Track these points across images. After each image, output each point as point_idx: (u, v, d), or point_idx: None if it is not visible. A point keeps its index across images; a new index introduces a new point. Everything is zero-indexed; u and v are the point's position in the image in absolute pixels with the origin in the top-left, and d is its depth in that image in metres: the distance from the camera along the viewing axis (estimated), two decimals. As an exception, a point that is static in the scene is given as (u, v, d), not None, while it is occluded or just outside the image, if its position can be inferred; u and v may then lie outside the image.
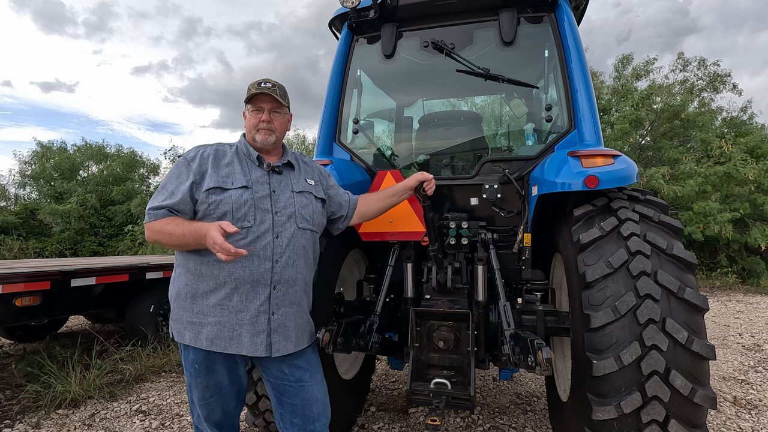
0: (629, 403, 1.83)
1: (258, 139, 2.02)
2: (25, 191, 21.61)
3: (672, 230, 2.14)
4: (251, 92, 2.00)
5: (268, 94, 1.99)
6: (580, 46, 2.88)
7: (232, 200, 1.88)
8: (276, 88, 2.02)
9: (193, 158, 1.96)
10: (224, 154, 2.01)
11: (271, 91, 1.99)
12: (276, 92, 2.01)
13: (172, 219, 1.84)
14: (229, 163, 1.97)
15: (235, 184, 1.92)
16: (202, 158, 1.96)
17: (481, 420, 3.53)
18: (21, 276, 3.88)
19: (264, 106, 2.02)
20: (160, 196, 1.89)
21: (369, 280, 3.12)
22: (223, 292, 1.86)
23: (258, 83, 2.01)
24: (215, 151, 2.00)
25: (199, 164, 1.94)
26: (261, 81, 2.03)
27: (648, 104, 13.00)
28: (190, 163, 1.94)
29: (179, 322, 1.92)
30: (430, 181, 2.26)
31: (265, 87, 2.00)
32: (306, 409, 2.01)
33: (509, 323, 2.31)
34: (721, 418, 3.65)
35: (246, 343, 1.88)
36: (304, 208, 2.05)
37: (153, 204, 1.87)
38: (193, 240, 1.79)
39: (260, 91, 1.98)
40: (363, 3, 3.06)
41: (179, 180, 1.91)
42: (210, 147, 2.03)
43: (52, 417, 3.65)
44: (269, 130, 2.02)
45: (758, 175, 11.32)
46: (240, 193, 1.90)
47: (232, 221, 1.84)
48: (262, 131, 2.02)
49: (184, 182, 1.89)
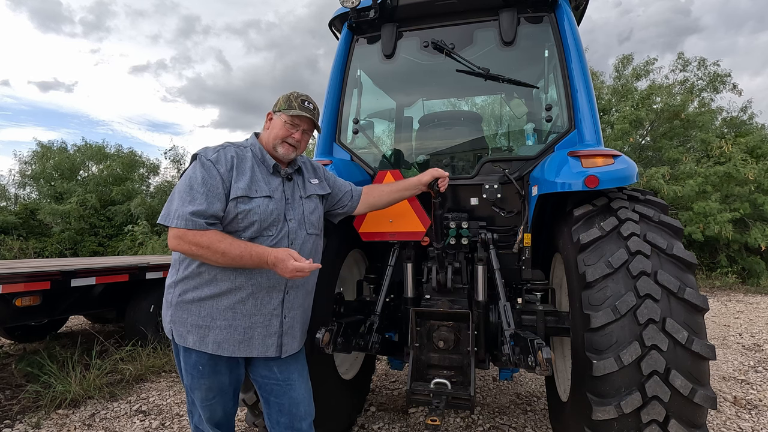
0: (629, 403, 1.83)
1: (281, 151, 2.01)
2: (25, 191, 21.61)
3: (672, 230, 2.14)
4: (294, 108, 1.98)
5: (310, 117, 2.01)
6: (580, 46, 2.88)
7: (260, 210, 1.87)
8: (316, 111, 2.06)
9: (217, 161, 1.86)
10: (244, 159, 1.95)
11: (312, 114, 2.02)
12: (316, 116, 2.04)
13: (217, 234, 1.75)
14: (251, 169, 1.93)
15: (260, 192, 1.90)
16: (227, 162, 1.88)
17: (481, 420, 3.53)
18: (21, 276, 3.88)
19: (301, 125, 2.02)
20: (190, 198, 1.76)
21: (369, 280, 3.12)
22: (238, 296, 1.86)
23: (302, 100, 2.01)
24: (236, 155, 1.93)
25: (226, 169, 1.86)
26: (304, 98, 2.03)
27: (648, 104, 13.00)
28: (215, 166, 1.84)
29: (182, 325, 1.87)
30: (445, 177, 2.29)
31: (308, 108, 2.01)
32: (293, 408, 2.03)
33: (509, 323, 2.31)
34: (721, 418, 3.65)
35: (257, 345, 1.90)
36: (312, 213, 2.08)
37: (189, 207, 1.73)
38: (253, 263, 1.76)
39: (304, 112, 1.98)
40: (363, 3, 3.05)
41: (210, 185, 1.80)
42: (230, 149, 1.95)
43: (52, 417, 3.65)
44: (294, 147, 2.03)
45: (758, 175, 11.32)
46: (266, 203, 1.90)
47: (259, 231, 1.86)
48: (287, 146, 2.01)
49: (217, 187, 1.80)
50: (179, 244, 1.76)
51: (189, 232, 1.73)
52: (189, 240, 1.73)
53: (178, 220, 1.74)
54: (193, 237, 1.73)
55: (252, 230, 1.86)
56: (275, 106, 2.06)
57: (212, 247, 1.72)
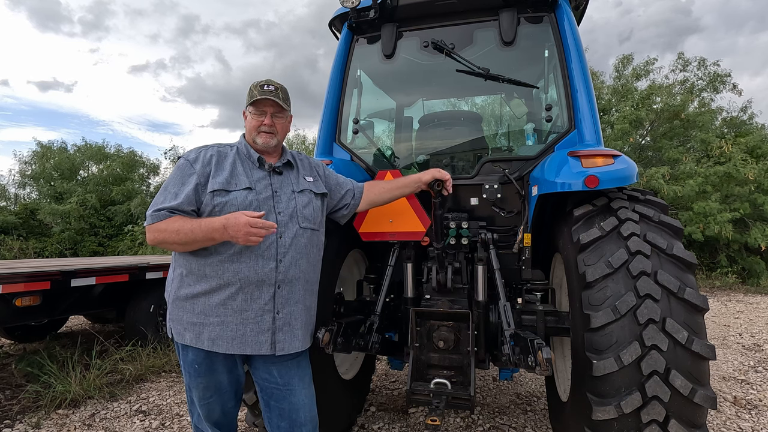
0: (629, 403, 1.83)
1: (259, 141, 2.03)
2: (25, 191, 21.62)
3: (672, 230, 2.14)
4: (254, 95, 1.99)
5: (271, 99, 1.99)
6: (580, 46, 2.88)
7: (237, 201, 1.88)
8: (279, 91, 2.02)
9: (196, 159, 1.94)
10: (226, 156, 2.00)
11: (273, 95, 1.99)
12: (279, 96, 2.01)
13: (177, 217, 1.82)
14: (232, 165, 1.97)
15: (239, 185, 1.92)
16: (205, 159, 1.95)
17: (481, 420, 3.53)
18: (21, 276, 3.88)
19: (266, 109, 2.02)
20: (161, 198, 1.87)
21: (369, 280, 3.12)
22: (227, 292, 1.86)
23: (261, 86, 2.01)
24: (217, 153, 2.00)
25: (202, 166, 1.93)
26: (263, 83, 2.02)
27: (648, 104, 13.00)
28: (192, 165, 1.92)
29: (179, 323, 1.91)
30: (447, 180, 2.29)
31: (268, 91, 1.99)
32: (293, 413, 2.01)
33: (509, 323, 2.31)
34: (721, 418, 3.65)
35: (250, 342, 1.89)
36: (305, 207, 2.06)
37: (155, 206, 1.85)
38: (203, 234, 1.78)
39: (263, 95, 1.98)
40: (363, 3, 3.05)
41: (182, 182, 1.89)
42: (211, 148, 2.02)
43: (52, 417, 3.65)
44: (271, 133, 2.03)
45: (758, 175, 11.32)
46: (245, 194, 1.91)
47: None
48: (263, 134, 2.02)
49: (188, 184, 1.88)
50: (151, 237, 1.86)
51: (154, 224, 1.83)
52: (153, 229, 1.83)
53: (148, 218, 1.86)
54: (155, 226, 1.83)
55: None
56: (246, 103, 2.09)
57: (169, 228, 1.80)
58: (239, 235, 1.74)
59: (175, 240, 1.81)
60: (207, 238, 1.79)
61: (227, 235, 1.76)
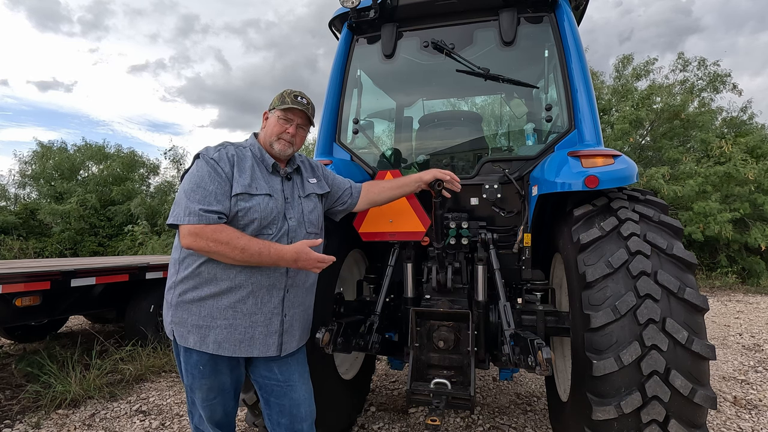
0: (629, 403, 1.83)
1: (276, 148, 2.02)
2: (25, 191, 21.61)
3: (672, 230, 2.14)
4: (287, 103, 2.00)
5: (302, 111, 2.02)
6: (580, 46, 2.88)
7: (260, 208, 1.88)
8: (310, 106, 2.07)
9: (220, 159, 1.88)
10: (244, 157, 1.97)
11: (305, 108, 2.03)
12: (309, 110, 2.06)
13: (236, 231, 1.77)
14: (251, 168, 1.95)
15: (259, 190, 1.91)
16: (229, 160, 1.90)
17: (481, 420, 3.53)
18: (21, 276, 3.88)
19: (294, 119, 2.03)
20: (200, 196, 1.76)
21: (369, 280, 3.12)
22: (238, 295, 1.86)
23: (295, 95, 2.02)
24: (237, 154, 1.95)
25: (229, 166, 1.88)
26: (298, 94, 2.04)
27: (648, 104, 13.00)
28: (218, 164, 1.86)
29: (182, 326, 1.87)
30: (451, 181, 2.31)
31: (301, 102, 2.02)
32: (294, 409, 2.03)
33: (509, 323, 2.31)
34: (721, 418, 3.65)
35: (258, 344, 1.90)
36: (311, 212, 2.08)
37: (199, 205, 1.74)
38: (271, 261, 1.81)
39: (297, 105, 2.00)
40: (363, 3, 3.05)
41: (217, 182, 1.82)
42: (230, 147, 1.97)
43: (52, 417, 3.65)
44: (290, 143, 2.03)
45: (758, 175, 11.32)
46: (266, 201, 1.91)
47: (259, 229, 1.87)
48: (283, 141, 2.02)
49: (223, 185, 1.82)
50: (195, 241, 1.74)
51: (207, 228, 1.73)
52: (207, 236, 1.72)
53: (191, 217, 1.74)
54: (212, 233, 1.73)
55: (252, 228, 1.86)
56: (270, 104, 2.09)
57: (231, 243, 1.73)
58: (309, 267, 1.88)
59: (233, 256, 1.74)
60: (272, 262, 1.82)
61: (296, 266, 1.87)
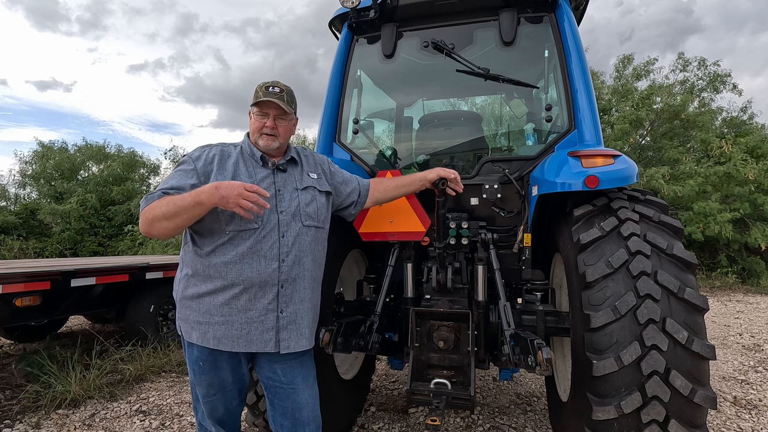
0: (629, 403, 1.83)
1: (261, 143, 2.02)
2: (25, 191, 21.64)
3: (672, 230, 2.14)
4: (258, 96, 1.98)
5: (274, 102, 1.98)
6: (580, 46, 2.88)
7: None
8: (283, 93, 2.01)
9: (198, 158, 1.95)
10: (229, 155, 2.00)
11: (277, 97, 1.98)
12: (283, 98, 2.00)
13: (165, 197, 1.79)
14: (234, 165, 1.97)
15: None
16: (207, 158, 1.95)
17: (481, 420, 3.53)
18: (21, 276, 3.88)
19: (269, 112, 2.01)
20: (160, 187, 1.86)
21: (369, 280, 3.12)
22: (231, 293, 1.87)
23: (266, 87, 2.00)
24: (220, 152, 1.99)
25: (204, 164, 1.93)
26: (269, 84, 2.01)
27: (648, 104, 13.01)
28: (194, 163, 1.93)
29: (186, 322, 1.94)
30: (456, 181, 2.31)
31: (272, 92, 1.98)
32: (296, 412, 2.02)
33: (509, 323, 2.31)
34: (721, 418, 3.65)
35: (255, 340, 1.90)
36: (308, 205, 2.05)
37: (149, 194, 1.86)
38: (191, 198, 1.72)
39: (268, 97, 1.97)
40: (363, 3, 3.05)
41: (184, 177, 1.88)
42: (215, 147, 2.02)
43: (52, 417, 3.65)
44: (273, 135, 2.02)
45: (758, 175, 11.33)
46: None
47: (239, 222, 1.86)
48: (265, 136, 2.01)
49: (188, 179, 1.87)
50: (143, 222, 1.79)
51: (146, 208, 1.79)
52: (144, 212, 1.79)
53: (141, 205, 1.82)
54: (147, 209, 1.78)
55: (234, 222, 1.86)
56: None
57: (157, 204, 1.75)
58: (231, 196, 1.68)
59: (163, 213, 1.73)
60: (194, 202, 1.71)
61: (217, 196, 1.69)
